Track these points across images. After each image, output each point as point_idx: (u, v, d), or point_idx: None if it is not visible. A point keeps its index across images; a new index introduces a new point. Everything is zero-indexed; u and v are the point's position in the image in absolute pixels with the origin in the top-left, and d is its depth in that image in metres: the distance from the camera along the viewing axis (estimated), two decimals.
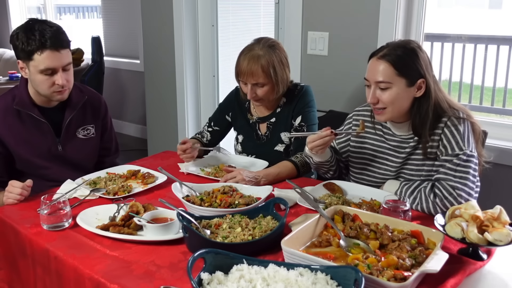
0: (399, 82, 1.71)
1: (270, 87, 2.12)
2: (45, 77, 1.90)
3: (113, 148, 2.35)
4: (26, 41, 1.86)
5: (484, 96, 4.25)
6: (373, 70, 1.75)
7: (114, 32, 5.60)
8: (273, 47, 2.13)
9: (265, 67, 2.07)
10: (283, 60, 2.14)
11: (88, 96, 2.16)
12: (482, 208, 1.45)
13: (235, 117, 2.37)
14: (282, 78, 2.13)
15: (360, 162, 1.95)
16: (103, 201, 1.80)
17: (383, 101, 1.73)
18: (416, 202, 1.70)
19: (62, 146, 2.08)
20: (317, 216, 1.47)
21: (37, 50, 1.85)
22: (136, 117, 5.61)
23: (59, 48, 1.88)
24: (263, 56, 2.08)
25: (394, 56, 1.71)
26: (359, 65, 2.77)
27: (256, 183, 1.93)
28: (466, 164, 1.67)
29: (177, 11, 3.62)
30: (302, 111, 2.20)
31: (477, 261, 1.37)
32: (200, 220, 1.52)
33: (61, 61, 1.90)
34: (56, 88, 1.93)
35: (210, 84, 3.80)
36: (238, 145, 2.39)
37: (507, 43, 3.85)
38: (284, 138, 2.24)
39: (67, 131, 2.09)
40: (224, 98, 2.43)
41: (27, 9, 6.70)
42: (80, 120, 2.14)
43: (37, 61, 1.87)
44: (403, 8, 2.61)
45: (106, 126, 2.28)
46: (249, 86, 2.11)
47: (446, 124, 1.73)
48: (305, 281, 1.14)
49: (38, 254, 1.53)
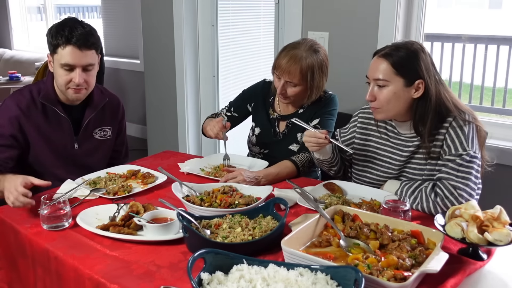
0: (396, 81, 1.72)
1: (302, 89, 2.11)
2: (64, 72, 1.94)
3: (123, 152, 2.37)
4: (55, 35, 1.92)
5: (484, 96, 4.25)
6: (373, 67, 1.77)
7: (114, 32, 5.60)
8: (318, 52, 2.11)
9: (304, 69, 2.06)
10: (323, 68, 2.13)
11: (108, 98, 2.19)
12: (482, 208, 1.45)
13: (256, 108, 2.36)
14: (317, 84, 2.12)
15: (362, 160, 1.96)
16: (103, 201, 1.80)
17: (379, 99, 1.75)
18: (416, 202, 1.70)
19: (78, 144, 2.11)
20: (317, 216, 1.47)
21: (62, 45, 1.91)
22: (136, 117, 5.60)
23: (83, 48, 1.92)
24: (305, 58, 2.06)
25: (395, 56, 1.73)
26: (359, 65, 2.77)
27: (256, 183, 1.93)
28: (469, 164, 1.67)
29: (177, 11, 3.62)
30: (321, 116, 2.19)
31: (477, 261, 1.37)
32: (200, 220, 1.52)
33: (82, 60, 1.93)
34: (72, 85, 1.95)
35: (210, 84, 3.80)
36: (253, 136, 2.37)
37: (507, 43, 3.86)
38: (300, 139, 2.23)
39: (85, 130, 2.11)
40: (250, 87, 2.41)
41: (27, 9, 6.71)
42: (98, 121, 2.16)
43: (59, 55, 1.92)
44: (403, 8, 2.61)
45: (121, 129, 2.31)
46: (282, 82, 2.10)
47: (451, 124, 1.73)
48: (305, 281, 1.14)
49: (38, 254, 1.53)
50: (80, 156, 2.12)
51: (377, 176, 1.91)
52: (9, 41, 6.68)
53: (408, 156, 1.82)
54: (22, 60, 5.94)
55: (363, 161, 1.96)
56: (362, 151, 1.96)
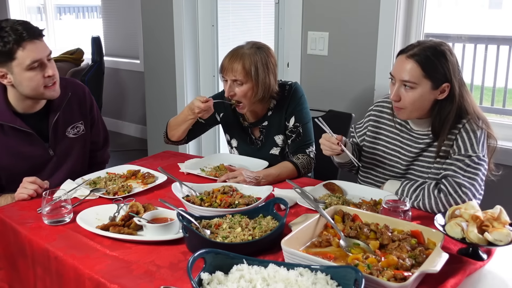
0: (424, 84, 1.70)
1: (248, 87, 2.06)
2: (33, 72, 1.81)
3: (101, 141, 2.28)
4: (1, 41, 1.75)
5: (484, 96, 4.25)
6: (400, 67, 1.72)
7: (114, 32, 5.60)
8: (261, 49, 2.09)
9: (246, 65, 2.03)
10: (268, 64, 2.08)
11: (71, 91, 2.05)
12: (482, 208, 1.45)
13: (226, 120, 2.31)
14: (263, 81, 2.06)
15: (371, 152, 1.95)
16: (103, 201, 1.80)
17: (404, 100, 1.73)
18: (418, 199, 1.70)
19: (53, 149, 2.01)
20: (317, 216, 1.47)
21: (18, 46, 1.76)
22: (136, 117, 5.61)
23: (39, 39, 1.81)
24: (247, 54, 2.05)
25: (424, 57, 1.69)
26: (359, 65, 2.77)
27: (256, 183, 1.93)
28: (477, 166, 1.67)
29: (177, 11, 3.62)
30: (294, 111, 2.16)
31: (477, 261, 1.37)
32: (200, 220, 1.52)
33: (45, 50, 1.83)
34: (48, 82, 1.85)
35: (210, 84, 3.80)
36: (233, 149, 2.35)
37: (507, 43, 3.85)
38: (279, 141, 2.22)
39: (55, 134, 2.00)
40: (219, 94, 2.30)
41: (27, 9, 6.70)
42: (67, 119, 2.05)
43: (21, 58, 1.78)
44: (403, 8, 2.61)
45: (94, 119, 2.19)
46: (228, 83, 2.08)
47: (464, 125, 1.73)
48: (305, 281, 1.14)
49: (38, 254, 1.53)
50: (59, 160, 2.04)
51: (384, 170, 1.91)
52: None
53: (417, 153, 1.82)
54: None
55: (372, 153, 1.95)
56: (371, 143, 1.96)
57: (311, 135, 2.19)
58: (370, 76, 2.73)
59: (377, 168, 1.93)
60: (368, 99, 2.73)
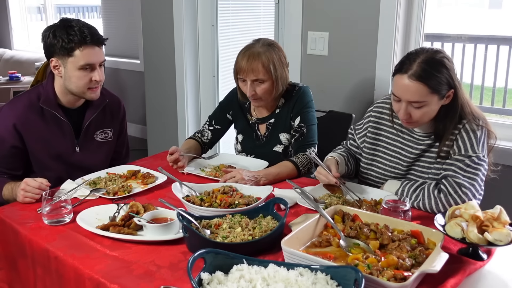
0: (432, 99, 1.68)
1: (269, 84, 2.12)
2: (83, 73, 1.94)
3: (124, 153, 2.37)
4: (67, 38, 1.90)
5: (484, 96, 4.25)
6: (404, 89, 1.68)
7: (114, 32, 5.60)
8: (272, 46, 2.15)
9: (265, 63, 2.08)
10: (282, 59, 2.16)
11: (108, 99, 2.18)
12: (482, 208, 1.45)
13: (235, 116, 2.38)
14: (281, 76, 2.14)
15: (372, 153, 1.95)
16: (103, 201, 1.80)
17: (415, 116, 1.71)
18: (418, 199, 1.70)
19: (80, 147, 2.10)
20: (317, 216, 1.47)
21: (79, 46, 1.90)
22: (136, 117, 5.60)
23: (98, 45, 1.96)
24: (263, 53, 2.10)
25: (426, 74, 1.65)
26: (359, 65, 2.77)
27: (255, 183, 1.93)
28: (477, 166, 1.67)
29: (177, 11, 3.62)
30: (300, 111, 2.20)
31: (477, 261, 1.37)
32: (200, 220, 1.52)
33: (100, 57, 1.97)
34: (93, 85, 1.97)
35: (210, 84, 3.80)
36: (238, 144, 2.39)
37: (507, 43, 3.86)
38: (283, 139, 2.24)
39: (86, 132, 2.10)
40: (225, 97, 2.43)
41: (27, 9, 6.70)
42: (99, 123, 2.15)
43: (77, 58, 1.92)
44: (403, 8, 2.61)
45: (122, 130, 2.30)
46: (248, 83, 2.12)
47: (464, 126, 1.72)
48: (305, 281, 1.14)
49: (38, 254, 1.53)
50: (82, 159, 2.11)
51: (385, 171, 1.91)
52: (9, 41, 6.68)
53: (418, 154, 1.82)
54: (22, 60, 5.93)
55: (372, 154, 1.95)
56: (372, 144, 1.96)
57: (315, 136, 2.21)
58: (370, 76, 2.73)
59: (377, 169, 1.93)
60: (368, 99, 2.73)
